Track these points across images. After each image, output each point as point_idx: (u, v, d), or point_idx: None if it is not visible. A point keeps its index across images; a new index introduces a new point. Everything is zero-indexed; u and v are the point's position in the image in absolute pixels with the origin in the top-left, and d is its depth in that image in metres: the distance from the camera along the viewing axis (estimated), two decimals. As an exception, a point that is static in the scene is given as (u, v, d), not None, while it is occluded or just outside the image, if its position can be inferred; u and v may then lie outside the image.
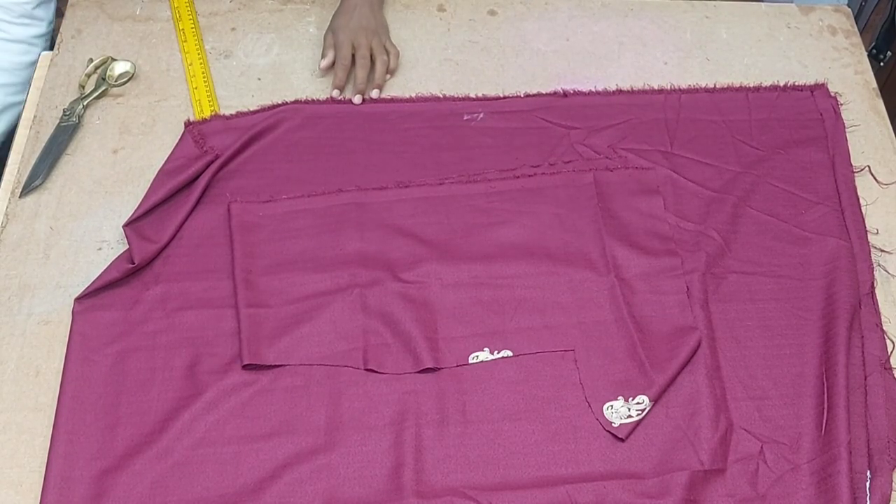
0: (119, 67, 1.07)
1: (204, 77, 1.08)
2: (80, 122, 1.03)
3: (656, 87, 1.10)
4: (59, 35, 1.12)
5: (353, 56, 1.06)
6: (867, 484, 0.82)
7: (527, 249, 0.95)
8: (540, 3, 1.19)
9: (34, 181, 0.98)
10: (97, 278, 0.91)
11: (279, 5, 1.17)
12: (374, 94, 1.06)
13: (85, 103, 1.04)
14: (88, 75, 1.06)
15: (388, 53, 1.08)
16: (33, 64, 1.09)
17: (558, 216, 0.97)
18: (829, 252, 0.96)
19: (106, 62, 1.07)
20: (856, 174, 1.04)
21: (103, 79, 1.06)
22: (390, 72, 1.08)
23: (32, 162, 1.00)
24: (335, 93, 1.06)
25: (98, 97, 1.05)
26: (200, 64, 1.09)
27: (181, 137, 1.02)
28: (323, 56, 1.07)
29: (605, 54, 1.14)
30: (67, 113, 1.03)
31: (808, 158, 1.04)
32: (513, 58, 1.13)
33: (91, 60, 1.07)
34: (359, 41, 1.06)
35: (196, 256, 0.94)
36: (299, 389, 0.86)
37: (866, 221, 1.00)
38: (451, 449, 0.84)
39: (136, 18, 1.14)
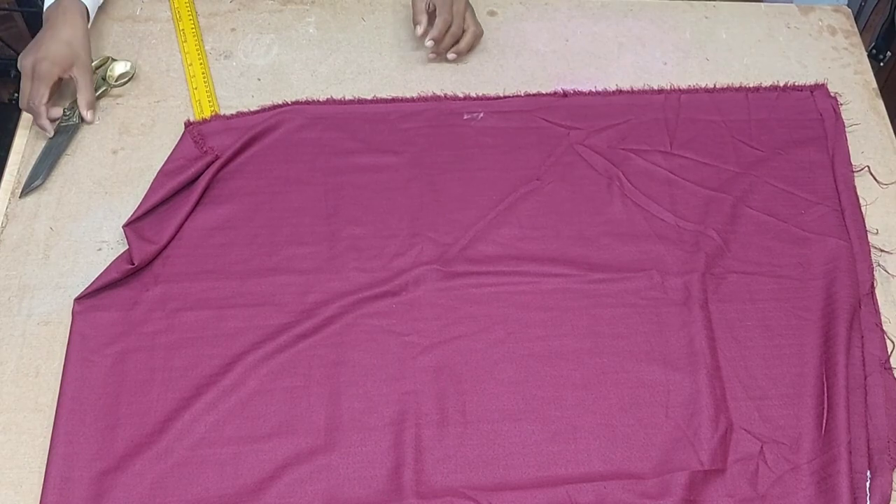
0: (119, 68, 1.07)
1: (204, 77, 1.08)
2: (79, 122, 1.03)
3: (656, 88, 1.10)
4: (58, 35, 1.12)
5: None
6: (867, 484, 0.82)
7: None
8: (540, 3, 1.19)
9: (34, 181, 0.98)
10: (97, 279, 0.91)
11: (279, 6, 1.17)
12: (451, 56, 1.09)
13: None
14: None
15: (478, 27, 1.10)
16: None
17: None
18: (829, 252, 0.96)
19: (105, 62, 1.07)
20: (855, 174, 1.04)
21: (103, 79, 1.06)
22: (472, 47, 1.10)
23: (32, 162, 1.00)
24: (430, 43, 1.07)
25: (98, 97, 1.05)
26: (200, 64, 1.09)
27: (181, 138, 1.02)
28: (416, 22, 1.08)
29: (605, 54, 1.14)
30: (67, 113, 1.03)
31: (807, 158, 1.04)
32: (513, 58, 1.13)
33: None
34: (458, 8, 1.08)
35: (196, 257, 0.94)
36: (299, 389, 0.86)
37: (866, 221, 1.00)
38: (450, 449, 0.84)
39: (136, 19, 1.14)
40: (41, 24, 1.03)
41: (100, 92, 1.05)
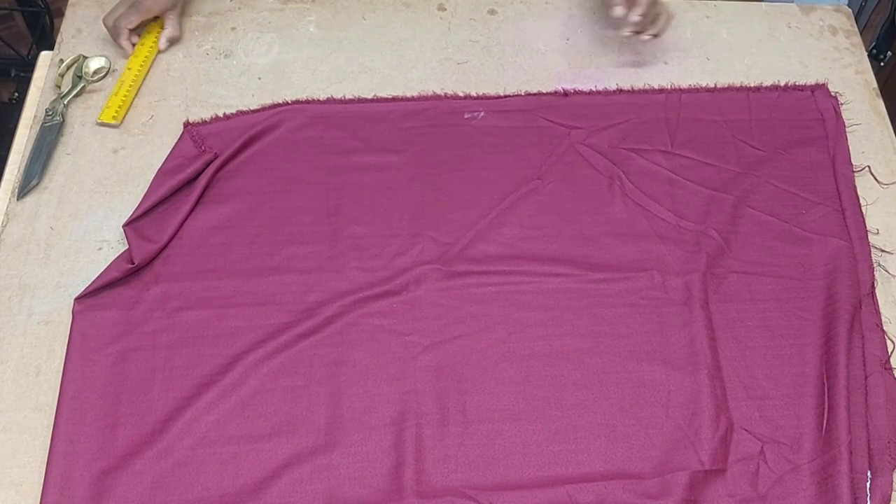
0: (94, 64, 1.07)
1: (133, 83, 1.06)
2: (63, 119, 1.03)
3: (657, 87, 1.10)
4: (59, 35, 1.12)
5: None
6: (868, 484, 0.82)
7: None
8: (540, 2, 1.19)
9: (30, 182, 0.98)
10: (97, 278, 0.91)
11: (279, 5, 1.17)
12: (646, 38, 1.08)
13: (65, 102, 1.04)
14: (62, 75, 1.06)
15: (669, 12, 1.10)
16: None
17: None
18: (830, 252, 0.96)
19: (78, 60, 1.07)
20: (856, 174, 1.04)
21: (79, 76, 1.06)
22: (664, 30, 1.10)
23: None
24: (635, 18, 1.05)
25: (76, 94, 1.05)
26: (140, 67, 1.07)
27: (180, 137, 1.02)
28: (613, 4, 1.07)
29: (605, 54, 1.14)
30: (50, 113, 1.03)
31: (808, 158, 1.04)
32: (513, 57, 1.13)
33: (62, 61, 1.07)
34: None
35: (197, 256, 0.94)
36: (299, 389, 0.86)
37: (867, 221, 1.00)
38: (451, 449, 0.84)
39: (137, 18, 1.14)
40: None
41: (78, 89, 1.05)
